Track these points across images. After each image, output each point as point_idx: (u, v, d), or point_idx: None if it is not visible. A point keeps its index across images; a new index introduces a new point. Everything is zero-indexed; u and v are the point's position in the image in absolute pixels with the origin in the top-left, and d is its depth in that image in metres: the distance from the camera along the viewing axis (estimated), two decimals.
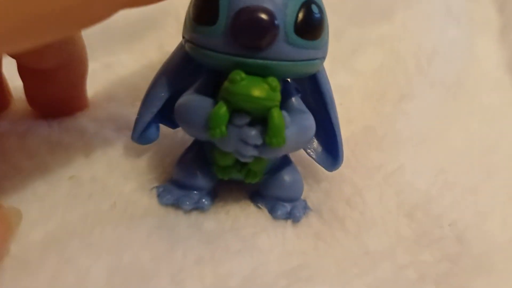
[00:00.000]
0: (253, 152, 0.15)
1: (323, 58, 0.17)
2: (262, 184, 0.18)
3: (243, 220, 0.17)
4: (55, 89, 0.20)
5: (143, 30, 0.25)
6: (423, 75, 0.25)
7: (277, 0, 0.14)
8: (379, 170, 0.20)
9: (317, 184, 0.19)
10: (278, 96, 0.15)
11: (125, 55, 0.24)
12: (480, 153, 0.23)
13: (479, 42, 0.31)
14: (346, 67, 0.26)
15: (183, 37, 0.16)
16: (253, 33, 0.14)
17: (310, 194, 0.19)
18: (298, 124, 0.16)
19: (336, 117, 0.18)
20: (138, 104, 0.18)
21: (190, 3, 0.16)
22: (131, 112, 0.19)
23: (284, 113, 0.15)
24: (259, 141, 0.15)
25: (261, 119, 0.15)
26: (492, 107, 0.26)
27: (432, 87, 0.25)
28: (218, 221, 0.17)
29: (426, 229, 0.18)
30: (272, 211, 0.17)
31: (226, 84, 0.15)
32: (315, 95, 0.18)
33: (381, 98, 0.24)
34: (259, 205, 0.18)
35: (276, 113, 0.15)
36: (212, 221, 0.16)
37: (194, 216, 0.17)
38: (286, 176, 0.18)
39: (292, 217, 0.17)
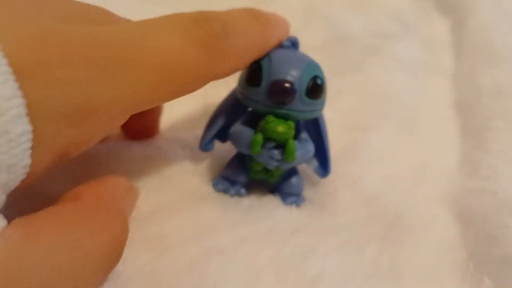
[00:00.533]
0: (275, 163, 0.23)
1: (322, 108, 0.25)
2: (278, 183, 0.26)
3: (266, 201, 0.26)
4: (148, 120, 0.28)
5: None
6: (383, 113, 0.34)
7: (296, 75, 0.22)
8: (348, 177, 0.29)
9: (312, 187, 0.28)
10: (292, 132, 0.23)
11: None
12: (417, 168, 0.30)
13: (434, 86, 0.39)
14: (330, 107, 0.32)
15: (238, 88, 0.25)
16: (282, 95, 0.22)
17: (308, 191, 0.27)
18: (304, 149, 0.24)
19: (328, 143, 0.27)
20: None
21: (245, 70, 0.24)
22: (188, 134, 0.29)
23: (296, 142, 0.23)
24: (279, 157, 0.23)
25: (282, 145, 0.23)
26: (435, 136, 0.34)
27: (389, 122, 0.34)
28: (251, 201, 0.25)
29: (376, 210, 0.26)
30: (283, 200, 0.26)
31: (262, 122, 0.23)
32: (316, 129, 0.26)
33: (353, 129, 0.33)
34: (275, 196, 0.26)
35: (291, 141, 0.23)
36: (247, 201, 0.25)
37: (236, 198, 0.25)
38: (293, 179, 0.26)
39: (295, 203, 0.26)
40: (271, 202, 0.26)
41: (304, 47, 0.26)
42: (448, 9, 0.48)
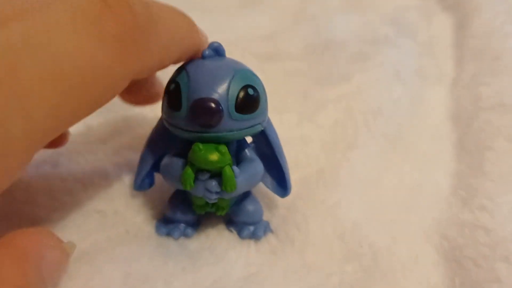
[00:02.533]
0: (215, 196, 0.20)
1: (263, 121, 0.21)
2: (232, 213, 0.23)
3: (218, 240, 0.23)
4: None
5: None
6: (368, 129, 0.30)
7: (221, 90, 0.19)
8: (323, 203, 0.25)
9: (277, 211, 0.25)
10: (227, 157, 0.19)
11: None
12: (404, 193, 0.27)
13: (431, 95, 0.35)
14: (310, 121, 0.31)
15: (162, 114, 0.21)
16: (205, 117, 0.19)
17: (272, 219, 0.24)
18: (247, 172, 0.21)
19: (283, 158, 0.23)
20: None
21: (164, 92, 0.21)
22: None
23: (235, 168, 0.20)
24: (218, 189, 0.20)
25: (218, 173, 0.20)
26: (426, 154, 0.30)
27: (374, 139, 0.30)
28: (200, 242, 0.22)
29: (351, 248, 0.23)
30: (239, 233, 0.23)
31: (190, 153, 0.19)
32: (266, 144, 0.22)
33: (333, 147, 0.29)
34: (231, 229, 0.23)
35: (227, 169, 0.20)
36: (195, 242, 0.22)
37: (182, 240, 0.23)
38: (248, 206, 0.23)
39: (254, 236, 0.23)
40: (225, 241, 0.23)
41: (285, 54, 0.22)
42: (450, 8, 0.44)
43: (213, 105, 0.19)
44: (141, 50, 0.17)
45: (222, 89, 0.19)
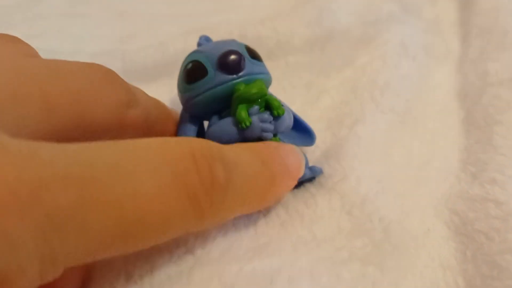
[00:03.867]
0: (269, 126, 0.22)
1: (268, 72, 0.24)
2: None
3: None
4: None
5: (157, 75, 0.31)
6: (375, 104, 0.29)
7: (234, 45, 0.23)
8: (330, 178, 0.25)
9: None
10: (266, 89, 0.22)
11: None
12: (414, 167, 0.26)
13: (437, 72, 0.34)
14: (313, 108, 0.30)
15: (184, 101, 0.23)
16: (234, 62, 0.22)
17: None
18: (285, 106, 0.23)
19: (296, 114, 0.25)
20: None
21: (179, 77, 0.24)
22: None
23: (277, 97, 0.22)
24: (271, 117, 0.22)
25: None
26: (435, 130, 0.29)
27: (383, 114, 0.29)
28: None
29: (361, 222, 0.23)
30: None
31: (235, 95, 0.22)
32: None
33: (340, 124, 0.28)
34: None
35: (272, 97, 0.22)
36: None
37: None
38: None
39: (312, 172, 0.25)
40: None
41: (287, 48, 0.27)
42: None
43: (236, 52, 0.22)
44: (211, 210, 0.17)
45: (234, 45, 0.23)
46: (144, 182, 0.15)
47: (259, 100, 0.22)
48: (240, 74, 0.22)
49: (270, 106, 0.22)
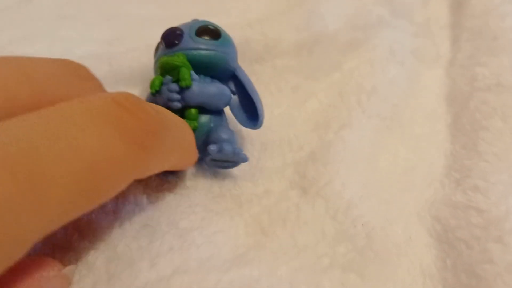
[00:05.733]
0: (177, 96, 0.23)
1: (225, 50, 0.25)
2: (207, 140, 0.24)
3: (207, 221, 0.22)
4: None
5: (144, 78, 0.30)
6: (362, 109, 0.29)
7: (185, 25, 0.25)
8: (315, 183, 0.25)
9: (272, 195, 0.24)
10: (183, 61, 0.23)
11: None
12: (399, 173, 0.26)
13: (426, 77, 0.34)
14: (300, 111, 0.30)
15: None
16: (168, 35, 0.24)
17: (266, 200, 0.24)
18: (203, 84, 0.24)
19: (255, 94, 0.25)
20: None
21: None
22: None
23: (193, 72, 0.23)
24: (177, 88, 0.23)
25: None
26: (421, 135, 0.29)
27: (369, 118, 0.29)
28: (190, 221, 0.22)
29: (344, 228, 0.23)
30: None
31: (157, 63, 0.24)
32: (236, 83, 0.26)
33: (326, 128, 0.28)
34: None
35: (183, 69, 0.23)
36: (186, 221, 0.22)
37: (171, 219, 0.22)
38: (221, 133, 0.24)
39: (220, 151, 0.23)
40: (214, 221, 0.22)
41: (274, 52, 0.28)
42: None
43: (175, 28, 0.25)
44: (153, 151, 0.18)
45: (186, 24, 0.25)
46: (86, 139, 0.15)
47: (176, 72, 0.23)
48: (174, 48, 0.24)
49: (179, 76, 0.23)
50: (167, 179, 0.24)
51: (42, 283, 0.17)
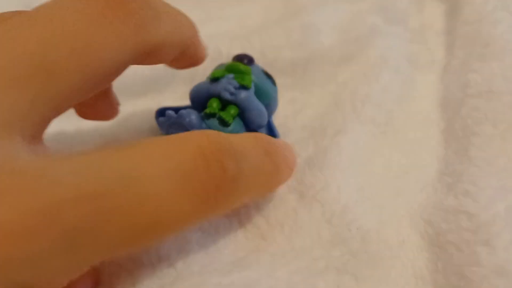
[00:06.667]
0: (232, 89, 0.24)
1: (274, 97, 0.27)
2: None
3: (206, 226, 0.23)
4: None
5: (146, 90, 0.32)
6: (356, 115, 0.30)
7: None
8: (311, 187, 0.25)
9: (269, 201, 0.25)
10: (250, 74, 0.25)
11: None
12: (393, 177, 0.27)
13: (421, 83, 0.35)
14: (296, 119, 0.31)
15: None
16: (243, 55, 0.27)
17: (264, 207, 0.25)
18: (258, 100, 0.25)
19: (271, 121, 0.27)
20: None
21: None
22: None
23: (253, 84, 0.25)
24: (237, 84, 0.24)
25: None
26: (415, 140, 0.30)
27: (364, 124, 0.30)
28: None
29: (339, 231, 0.23)
30: None
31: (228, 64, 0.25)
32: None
33: (322, 134, 0.29)
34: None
35: (248, 76, 0.25)
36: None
37: None
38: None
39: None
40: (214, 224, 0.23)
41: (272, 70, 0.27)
42: None
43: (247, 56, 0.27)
44: (221, 207, 0.18)
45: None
46: (154, 187, 0.15)
47: (239, 76, 0.24)
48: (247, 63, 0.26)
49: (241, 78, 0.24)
50: None
51: None
